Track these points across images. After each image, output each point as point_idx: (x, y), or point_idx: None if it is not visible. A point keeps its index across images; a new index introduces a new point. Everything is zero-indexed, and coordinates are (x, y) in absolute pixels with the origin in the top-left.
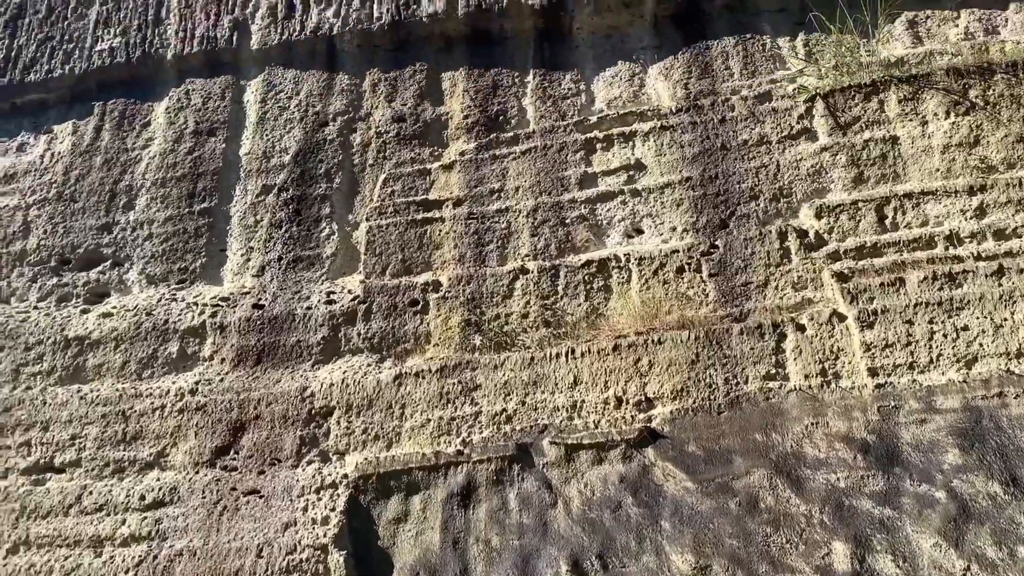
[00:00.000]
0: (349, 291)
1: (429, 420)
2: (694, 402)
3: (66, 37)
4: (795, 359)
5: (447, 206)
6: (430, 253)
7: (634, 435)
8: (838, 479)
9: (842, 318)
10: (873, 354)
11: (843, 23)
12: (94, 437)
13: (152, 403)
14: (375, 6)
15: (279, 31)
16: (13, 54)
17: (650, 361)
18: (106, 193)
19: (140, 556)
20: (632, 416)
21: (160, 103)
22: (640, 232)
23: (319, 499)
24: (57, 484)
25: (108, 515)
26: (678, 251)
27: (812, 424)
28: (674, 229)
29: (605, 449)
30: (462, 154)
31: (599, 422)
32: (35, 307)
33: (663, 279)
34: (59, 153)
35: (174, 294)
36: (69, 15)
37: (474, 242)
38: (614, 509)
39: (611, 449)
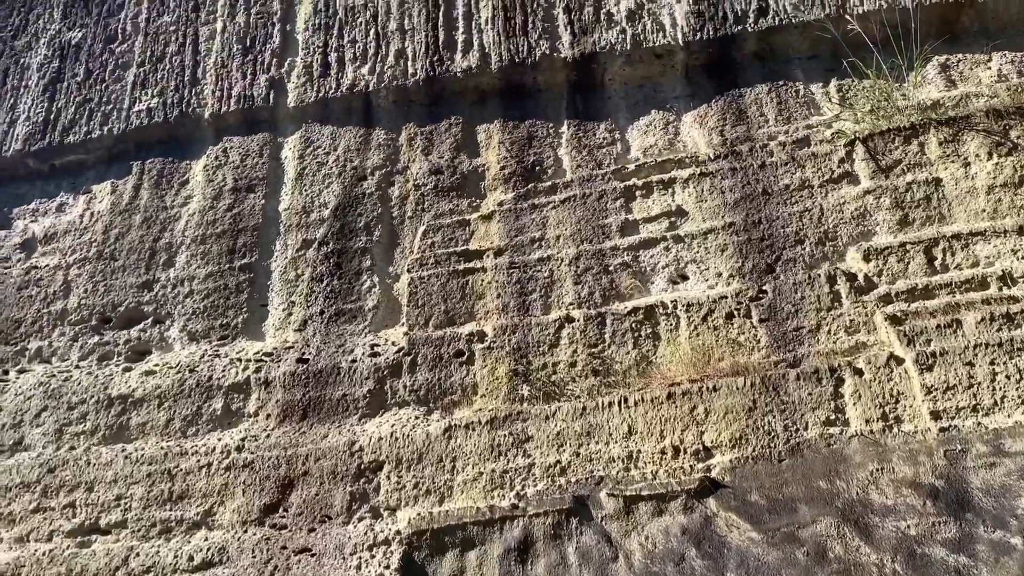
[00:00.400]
0: (393, 343)
1: (481, 473)
2: (754, 450)
3: (104, 99)
4: (854, 404)
5: (488, 256)
6: (473, 303)
7: (694, 485)
8: (908, 526)
9: (900, 361)
10: (935, 397)
11: (877, 68)
12: (140, 497)
13: (198, 461)
14: (409, 62)
15: (315, 89)
16: (52, 116)
17: (706, 409)
18: (146, 251)
19: None
20: (691, 466)
21: (198, 161)
22: (685, 278)
23: (372, 557)
24: (103, 546)
25: None
26: (726, 296)
27: (877, 470)
28: (720, 275)
29: (665, 500)
30: (501, 204)
31: (657, 472)
32: (77, 366)
33: (713, 325)
34: (98, 212)
35: (217, 350)
36: (107, 77)
37: (517, 291)
38: (677, 562)
39: (671, 500)
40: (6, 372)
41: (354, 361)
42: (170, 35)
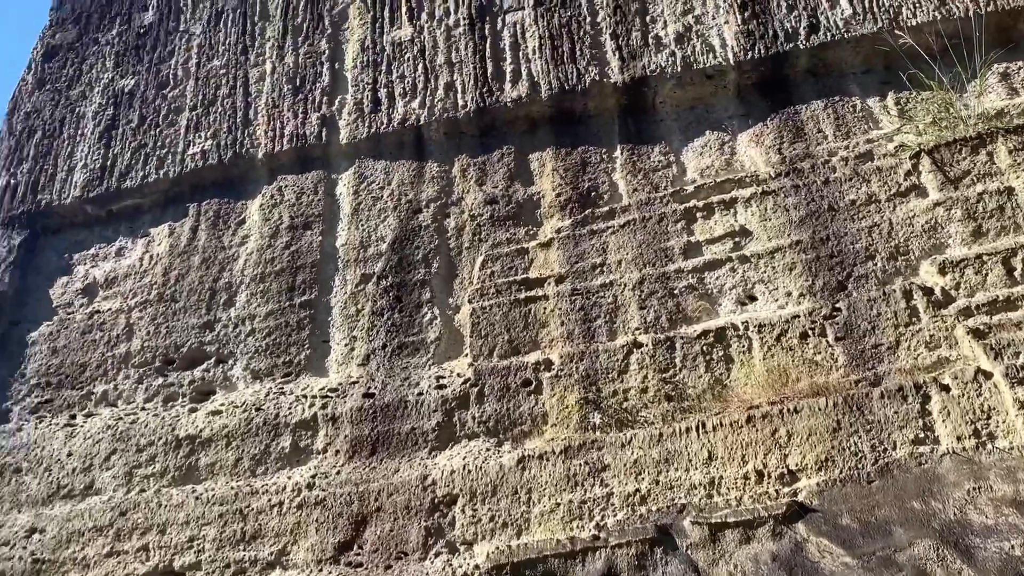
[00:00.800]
0: (458, 375)
1: (558, 504)
2: (841, 472)
3: (159, 143)
4: (943, 421)
5: (549, 283)
6: (537, 332)
7: (782, 510)
8: (1012, 547)
9: (988, 376)
10: None
11: (938, 80)
12: (212, 538)
13: (269, 500)
14: (459, 95)
15: (366, 124)
16: (108, 163)
17: (788, 431)
18: (206, 291)
19: None
20: (776, 490)
21: (254, 201)
22: (753, 299)
23: None
24: None
25: None
26: (799, 316)
27: (974, 489)
28: (789, 294)
29: (752, 527)
30: (558, 231)
31: (741, 498)
32: (143, 408)
33: (787, 345)
34: (157, 255)
35: (281, 388)
36: (161, 122)
37: (581, 318)
38: None
39: (759, 527)
40: (73, 416)
41: (420, 394)
42: (220, 78)
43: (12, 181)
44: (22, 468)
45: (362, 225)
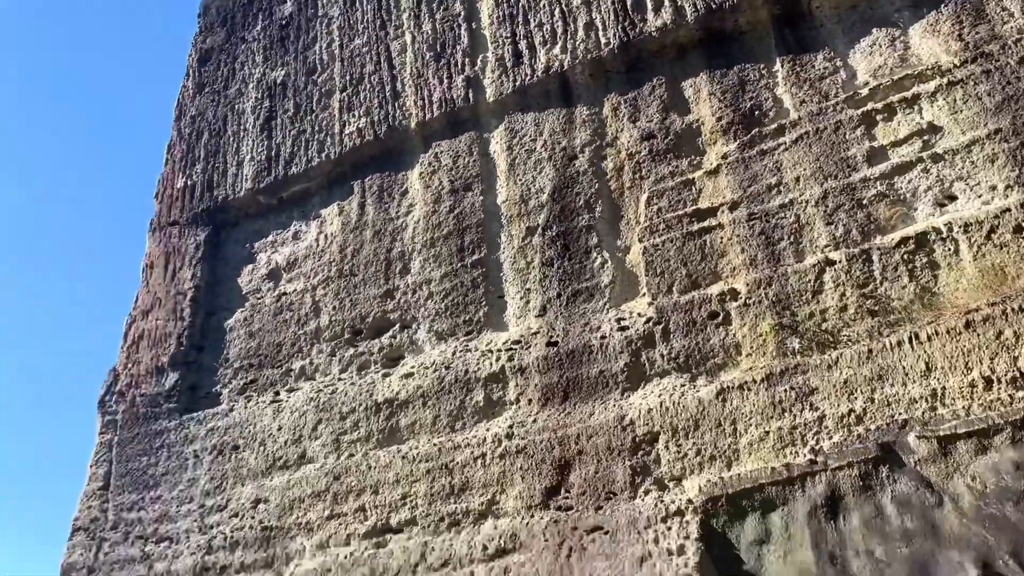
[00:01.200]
0: (639, 315)
1: (767, 432)
2: None
3: (316, 128)
4: None
5: (722, 212)
6: (716, 262)
7: (1020, 415)
8: None
9: None
10: None
11: None
12: (423, 494)
13: (471, 453)
14: (600, 33)
15: (511, 79)
16: (273, 153)
17: (1015, 332)
18: (381, 262)
19: None
20: (1009, 395)
21: (412, 171)
22: (953, 198)
23: (668, 528)
24: (398, 544)
25: (455, 569)
26: (1009, 209)
27: None
28: (994, 188)
29: (987, 436)
30: (724, 157)
31: (970, 408)
32: (339, 379)
33: (999, 242)
34: (331, 234)
35: (466, 346)
36: (315, 107)
37: (763, 243)
38: (1016, 501)
39: (995, 435)
40: (277, 394)
41: (603, 337)
42: (364, 56)
43: (189, 182)
44: (239, 445)
45: (519, 179)
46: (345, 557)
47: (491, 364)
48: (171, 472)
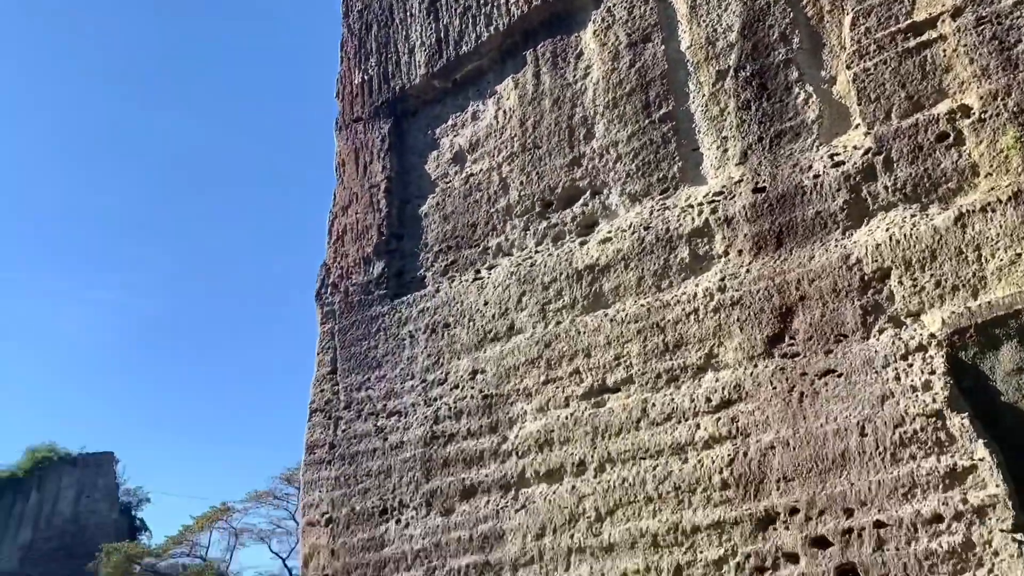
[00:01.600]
0: (854, 147)
1: (1019, 255)
2: None
3: (482, 1)
4: None
5: (943, 21)
6: (939, 79)
7: None
8: None
9: None
10: None
11: None
12: (637, 353)
13: (683, 309)
14: None
15: None
16: (442, 34)
17: None
18: (564, 131)
19: (728, 455)
20: None
21: (585, 30)
22: None
23: (909, 365)
24: (617, 403)
25: (679, 422)
26: None
27: None
28: None
29: None
30: None
31: None
32: (536, 251)
33: None
34: (510, 109)
35: (663, 204)
36: None
37: (996, 48)
38: None
39: None
40: (478, 272)
41: (816, 176)
42: None
43: (366, 76)
44: (449, 323)
45: (703, 21)
46: (566, 418)
47: (693, 219)
48: (391, 353)
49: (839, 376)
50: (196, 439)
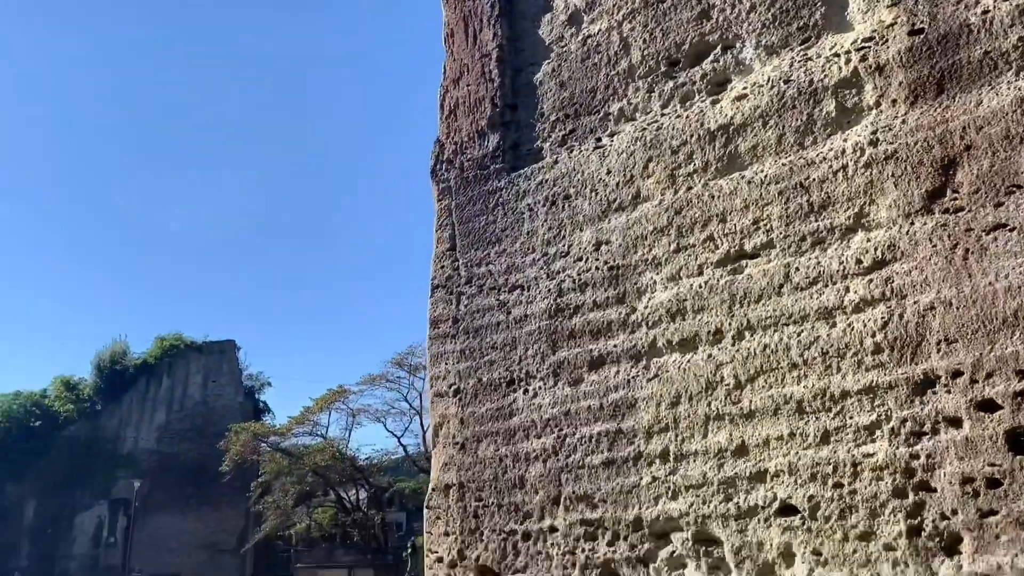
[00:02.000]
0: None
1: None
2: None
3: None
4: None
5: None
6: None
7: None
8: None
9: None
10: None
11: None
12: (777, 216)
13: (830, 167)
14: None
15: None
16: None
17: None
18: None
19: (882, 318)
20: None
21: None
22: None
23: None
24: (756, 268)
25: (826, 286)
26: None
27: None
28: None
29: None
30: None
31: None
32: (662, 114)
33: None
34: None
35: (804, 55)
36: None
37: None
38: None
39: None
40: (599, 139)
41: (985, 12)
42: None
43: None
44: (570, 194)
45: None
46: (700, 286)
47: (839, 69)
48: (510, 227)
49: (1011, 230)
50: (311, 327)
